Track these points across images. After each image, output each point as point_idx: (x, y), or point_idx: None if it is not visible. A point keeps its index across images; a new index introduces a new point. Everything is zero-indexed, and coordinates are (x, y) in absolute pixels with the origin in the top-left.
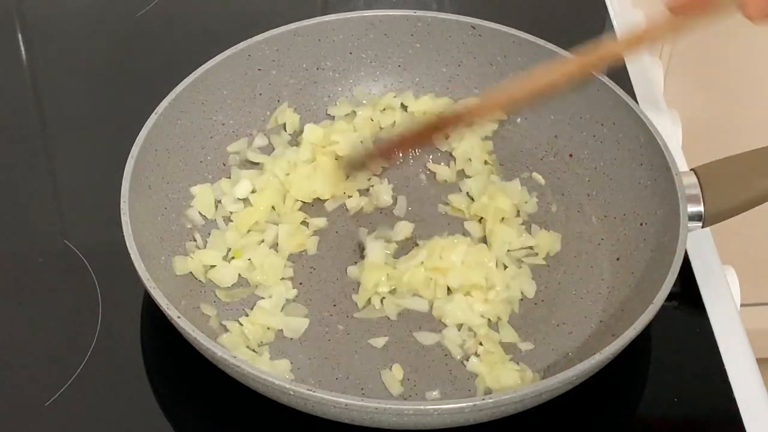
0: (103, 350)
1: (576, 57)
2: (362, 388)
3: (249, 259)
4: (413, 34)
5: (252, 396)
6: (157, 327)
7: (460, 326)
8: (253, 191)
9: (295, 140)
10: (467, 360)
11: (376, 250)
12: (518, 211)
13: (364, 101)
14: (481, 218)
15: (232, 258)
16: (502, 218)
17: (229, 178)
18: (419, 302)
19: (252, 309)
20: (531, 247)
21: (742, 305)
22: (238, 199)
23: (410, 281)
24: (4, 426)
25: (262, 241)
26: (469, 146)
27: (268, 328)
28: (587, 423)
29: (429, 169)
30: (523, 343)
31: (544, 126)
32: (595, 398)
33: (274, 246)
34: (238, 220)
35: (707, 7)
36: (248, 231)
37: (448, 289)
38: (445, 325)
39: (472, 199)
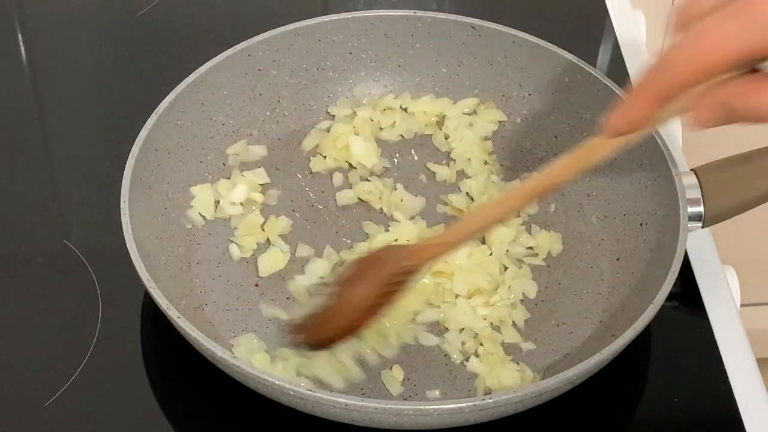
0: (103, 350)
1: (515, 192)
2: (362, 388)
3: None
4: (413, 34)
5: (252, 396)
6: (157, 327)
7: (461, 330)
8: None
9: None
10: (467, 360)
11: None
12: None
13: (364, 101)
14: None
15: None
16: None
17: (229, 178)
18: (432, 313)
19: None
20: (531, 248)
21: (742, 305)
22: (236, 203)
23: (423, 289)
24: (4, 426)
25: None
26: (469, 146)
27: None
28: (587, 423)
29: (429, 169)
30: (525, 343)
31: (544, 126)
32: (595, 398)
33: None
34: (236, 224)
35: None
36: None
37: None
38: (447, 329)
39: (472, 199)
